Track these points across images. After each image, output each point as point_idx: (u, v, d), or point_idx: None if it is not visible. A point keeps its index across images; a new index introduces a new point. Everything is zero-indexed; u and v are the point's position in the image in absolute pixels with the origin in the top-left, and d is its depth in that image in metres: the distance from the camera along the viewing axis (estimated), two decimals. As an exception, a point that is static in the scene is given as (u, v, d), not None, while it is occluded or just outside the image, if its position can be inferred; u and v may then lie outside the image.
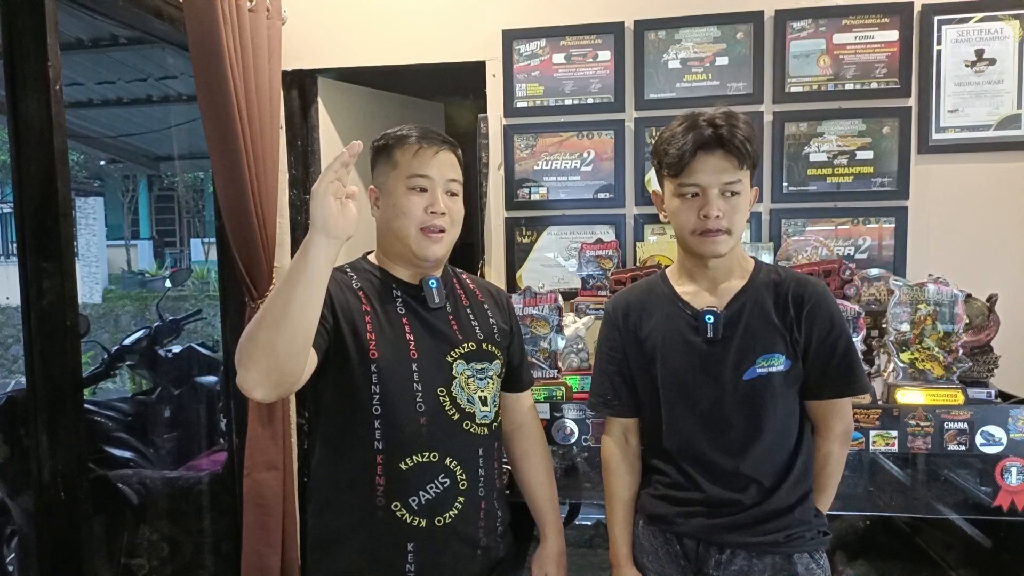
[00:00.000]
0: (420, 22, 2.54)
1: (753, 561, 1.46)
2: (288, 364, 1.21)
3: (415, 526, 1.41)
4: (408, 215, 1.44)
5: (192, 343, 3.65)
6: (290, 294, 1.18)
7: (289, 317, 1.18)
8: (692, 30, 2.41)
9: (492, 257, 2.58)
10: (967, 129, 2.31)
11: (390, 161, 1.48)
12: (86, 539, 1.85)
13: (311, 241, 1.19)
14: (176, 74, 4.64)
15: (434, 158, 1.46)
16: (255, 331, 1.20)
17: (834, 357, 1.47)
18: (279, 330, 1.18)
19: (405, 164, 1.46)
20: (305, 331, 1.22)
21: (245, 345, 1.20)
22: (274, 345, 1.18)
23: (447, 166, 1.48)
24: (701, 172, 1.42)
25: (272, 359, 1.19)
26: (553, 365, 2.04)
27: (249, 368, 1.19)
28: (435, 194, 1.45)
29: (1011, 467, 1.78)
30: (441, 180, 1.46)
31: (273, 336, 1.18)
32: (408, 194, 1.45)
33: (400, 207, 1.45)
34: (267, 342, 1.18)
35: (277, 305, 1.19)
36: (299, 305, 1.18)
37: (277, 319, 1.18)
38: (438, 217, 1.44)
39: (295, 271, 1.19)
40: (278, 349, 1.18)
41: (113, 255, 13.98)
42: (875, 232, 2.36)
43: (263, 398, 1.24)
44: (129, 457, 2.97)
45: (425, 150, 1.46)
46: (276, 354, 1.19)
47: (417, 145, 1.46)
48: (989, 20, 2.27)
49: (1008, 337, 2.01)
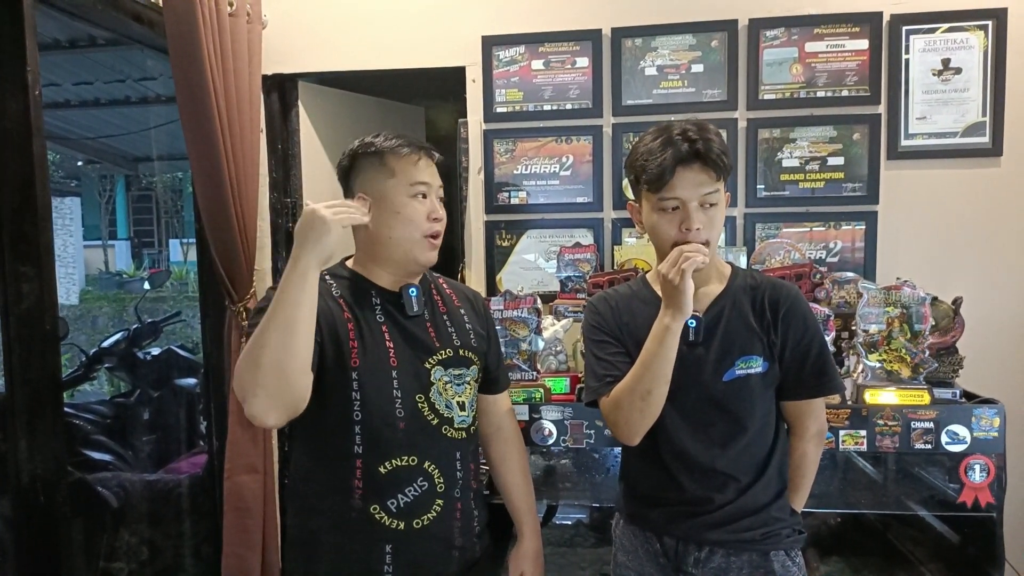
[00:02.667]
0: (401, 27, 2.55)
1: (731, 559, 1.49)
2: (297, 383, 1.25)
3: (393, 528, 1.43)
4: (414, 222, 1.46)
5: (171, 345, 3.63)
6: (293, 316, 1.23)
7: (294, 337, 1.23)
8: (668, 38, 2.45)
9: (472, 260, 2.61)
10: (934, 136, 2.37)
11: (385, 169, 1.48)
12: (65, 543, 1.85)
13: (310, 266, 1.25)
14: (155, 75, 4.61)
15: (429, 166, 1.51)
16: (258, 355, 1.22)
17: (808, 359, 1.50)
18: (285, 351, 1.22)
19: (406, 172, 1.47)
20: (308, 348, 1.27)
21: (249, 372, 1.23)
22: (283, 365, 1.22)
23: (437, 174, 1.53)
24: (680, 187, 1.44)
25: (282, 382, 1.23)
26: (532, 367, 2.07)
27: (258, 395, 1.23)
28: (433, 201, 1.49)
29: (975, 464, 1.83)
30: (435, 187, 1.51)
31: (281, 356, 1.22)
32: (411, 202, 1.47)
33: (405, 215, 1.46)
34: (275, 363, 1.22)
35: (280, 327, 1.23)
36: (303, 324, 1.25)
37: (282, 341, 1.22)
38: (439, 223, 1.49)
39: (295, 294, 1.24)
40: (286, 369, 1.23)
41: (90, 256, 13.78)
42: (846, 236, 2.41)
43: (276, 423, 1.28)
44: (108, 460, 2.95)
45: (424, 158, 1.50)
46: (285, 376, 1.23)
47: (416, 154, 1.49)
48: (955, 30, 2.33)
49: (972, 338, 2.07)
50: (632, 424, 1.46)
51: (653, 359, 1.41)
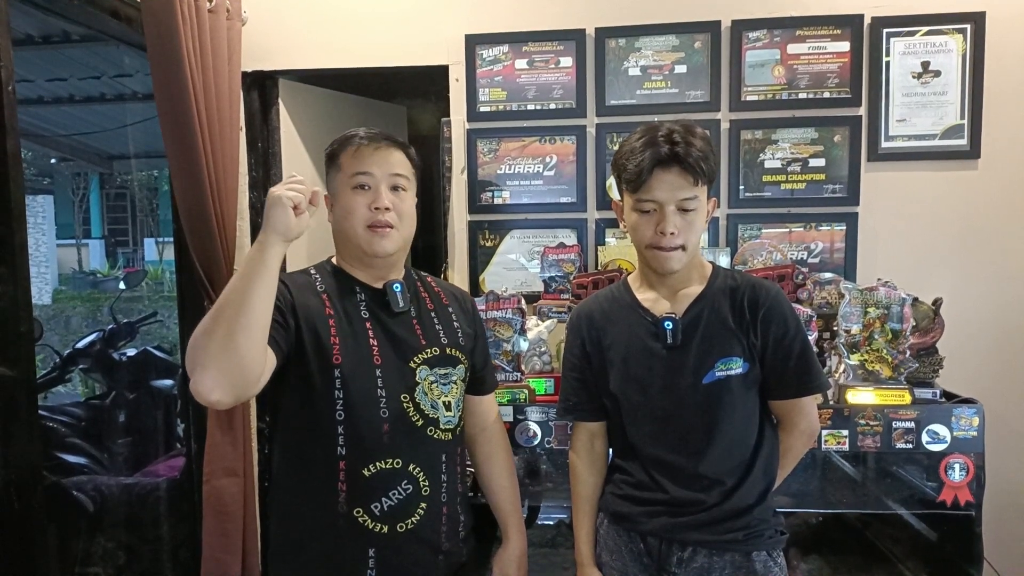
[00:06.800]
0: (383, 25, 2.53)
1: (714, 559, 1.49)
2: (248, 361, 1.21)
3: (377, 532, 1.40)
4: (354, 214, 1.44)
5: (147, 346, 3.58)
6: (248, 288, 1.21)
7: (248, 310, 1.19)
8: (652, 39, 2.45)
9: (455, 260, 2.59)
10: (914, 138, 2.39)
11: (335, 165, 1.49)
12: (39, 549, 1.81)
13: (267, 242, 1.24)
14: (131, 72, 4.54)
15: (374, 155, 1.46)
16: (211, 327, 1.19)
17: (791, 359, 1.50)
18: (238, 323, 1.18)
19: (347, 164, 1.46)
20: (263, 326, 1.23)
21: (200, 344, 1.19)
22: (234, 339, 1.18)
23: (390, 162, 1.47)
24: (658, 189, 1.44)
25: (232, 356, 1.18)
26: (516, 368, 2.06)
27: (207, 367, 1.18)
28: (378, 190, 1.45)
29: (954, 464, 1.86)
30: (384, 176, 1.46)
31: (233, 329, 1.18)
32: (352, 194, 1.45)
33: (346, 208, 1.45)
34: (226, 336, 1.18)
35: (234, 300, 1.20)
36: (258, 298, 1.21)
37: (236, 313, 1.19)
38: (382, 213, 1.44)
39: (252, 267, 1.23)
40: (238, 343, 1.18)
41: (63, 255, 13.58)
42: (827, 236, 2.43)
43: (220, 401, 1.20)
44: (83, 463, 2.90)
45: (365, 147, 1.46)
46: (236, 349, 1.18)
47: (357, 144, 1.46)
48: (935, 34, 2.36)
49: (952, 339, 2.10)
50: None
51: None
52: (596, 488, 1.64)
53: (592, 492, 1.64)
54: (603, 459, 1.66)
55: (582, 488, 1.64)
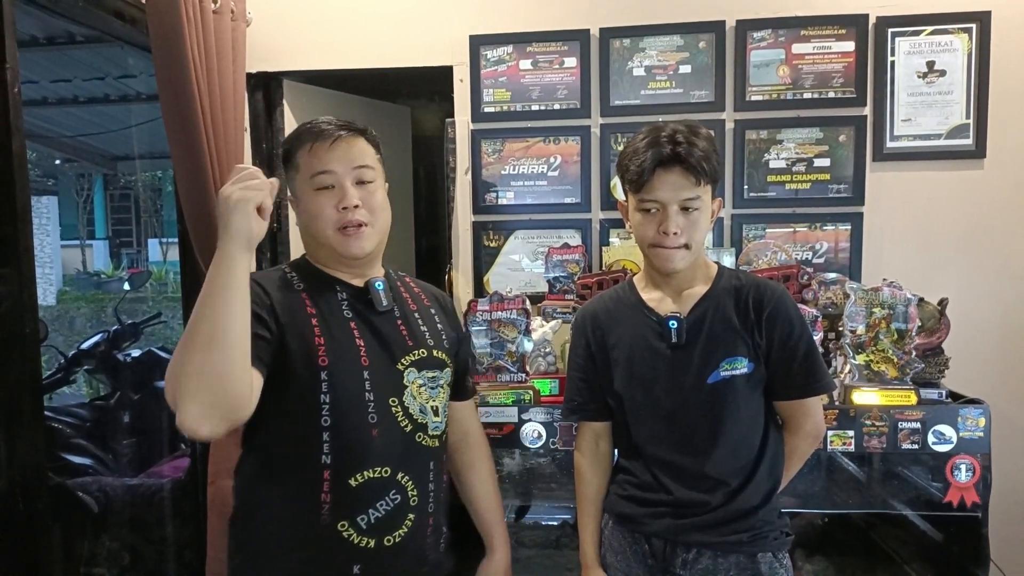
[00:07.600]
0: (387, 26, 2.54)
1: (718, 560, 1.49)
2: (231, 386, 1.10)
3: (362, 547, 1.30)
4: (320, 217, 1.34)
5: (152, 347, 3.59)
6: (220, 308, 1.10)
7: (224, 332, 1.09)
8: (656, 39, 2.45)
9: (459, 261, 2.59)
10: (919, 138, 2.39)
11: (292, 165, 1.38)
12: (44, 549, 1.81)
13: (231, 253, 1.12)
14: (135, 73, 4.55)
15: (333, 149, 1.34)
16: (187, 357, 1.08)
17: (796, 359, 1.50)
18: (215, 349, 1.08)
19: (305, 164, 1.35)
20: (243, 346, 1.13)
21: (178, 377, 1.08)
22: (213, 367, 1.08)
23: (352, 155, 1.36)
24: (660, 189, 1.45)
25: (214, 385, 1.08)
26: (521, 369, 2.05)
27: (190, 400, 1.07)
28: (343, 188, 1.34)
29: (961, 464, 1.85)
30: (346, 171, 1.35)
31: (210, 357, 1.08)
32: (316, 195, 1.34)
33: (311, 211, 1.35)
34: (203, 365, 1.08)
35: (206, 324, 1.09)
36: (234, 317, 1.11)
37: (210, 338, 1.09)
38: (351, 212, 1.33)
39: (220, 283, 1.11)
40: (219, 371, 1.08)
41: (68, 255, 13.63)
42: (832, 237, 2.43)
43: (210, 434, 1.10)
44: (88, 464, 2.91)
45: (320, 144, 1.34)
46: (218, 375, 1.08)
47: (311, 142, 1.35)
48: (940, 33, 2.36)
49: (958, 339, 2.09)
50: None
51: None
52: (601, 489, 1.64)
53: (597, 493, 1.63)
54: (608, 459, 1.65)
55: (586, 489, 1.64)
